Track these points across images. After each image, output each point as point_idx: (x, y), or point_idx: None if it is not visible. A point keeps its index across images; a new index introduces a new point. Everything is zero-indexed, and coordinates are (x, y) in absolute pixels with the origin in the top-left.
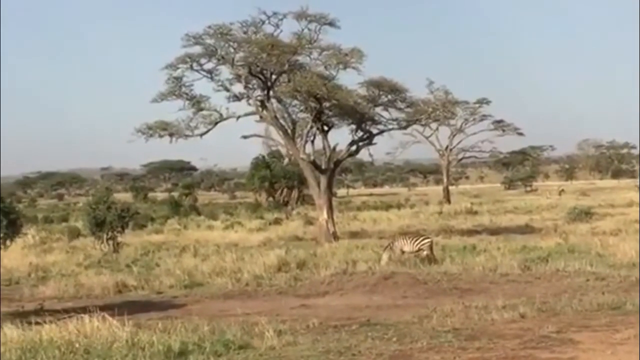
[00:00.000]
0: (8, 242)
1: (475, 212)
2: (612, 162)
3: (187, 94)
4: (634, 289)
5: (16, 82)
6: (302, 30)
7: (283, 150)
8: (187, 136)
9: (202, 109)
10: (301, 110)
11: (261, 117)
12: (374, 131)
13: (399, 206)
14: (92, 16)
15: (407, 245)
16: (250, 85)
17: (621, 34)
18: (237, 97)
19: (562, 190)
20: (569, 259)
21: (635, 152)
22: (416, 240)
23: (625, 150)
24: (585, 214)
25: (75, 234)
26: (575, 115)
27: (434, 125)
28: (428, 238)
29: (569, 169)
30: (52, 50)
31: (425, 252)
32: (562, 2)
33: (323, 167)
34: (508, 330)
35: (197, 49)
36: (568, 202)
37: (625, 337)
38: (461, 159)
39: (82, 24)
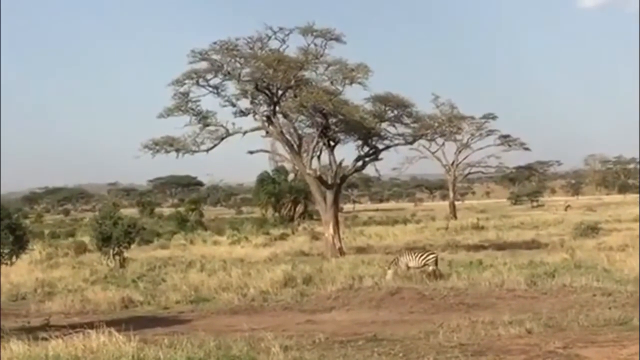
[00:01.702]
0: (14, 258)
1: (482, 228)
2: (618, 177)
3: (193, 109)
4: None
5: (22, 97)
6: (308, 45)
7: (289, 166)
8: (193, 151)
9: (208, 125)
10: (307, 126)
11: (267, 132)
12: (380, 146)
13: (405, 221)
14: (98, 33)
15: (413, 261)
16: (256, 101)
17: (628, 49)
18: (243, 113)
19: (569, 205)
20: (576, 275)
21: None
22: (421, 256)
23: (632, 166)
24: (591, 230)
25: (81, 249)
26: (582, 130)
27: (440, 140)
28: (433, 253)
29: (575, 184)
30: (59, 66)
31: (430, 268)
32: (569, 18)
33: (329, 182)
34: (514, 346)
35: (204, 65)
36: (574, 217)
37: (632, 353)
38: (467, 174)
39: (88, 40)
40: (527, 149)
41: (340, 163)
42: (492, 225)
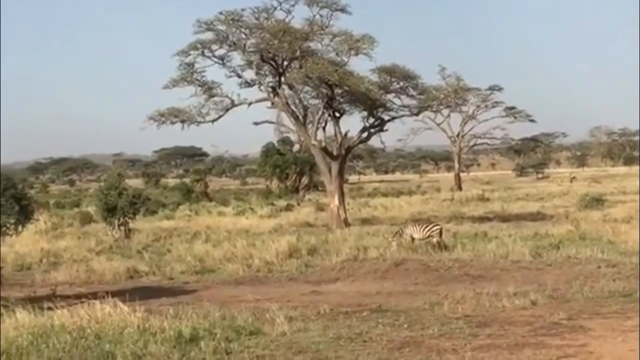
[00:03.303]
0: (20, 228)
1: (487, 199)
2: (624, 149)
3: (198, 80)
4: None
5: (30, 71)
6: (314, 16)
7: (294, 137)
8: (198, 122)
9: (213, 96)
10: (312, 97)
11: (273, 103)
12: (386, 118)
13: (410, 193)
14: (103, 5)
15: (417, 232)
16: (261, 72)
17: (634, 19)
18: (248, 84)
19: (574, 177)
20: (580, 246)
21: None
22: (426, 227)
23: (637, 137)
24: (596, 201)
25: (87, 219)
26: (588, 102)
27: (445, 112)
28: (438, 225)
29: (580, 156)
30: (64, 39)
31: (435, 239)
32: None
33: (334, 153)
34: (519, 317)
35: (209, 36)
36: (580, 189)
37: (635, 324)
38: (473, 146)
39: (93, 13)
40: (532, 120)
41: (346, 134)
42: (497, 197)
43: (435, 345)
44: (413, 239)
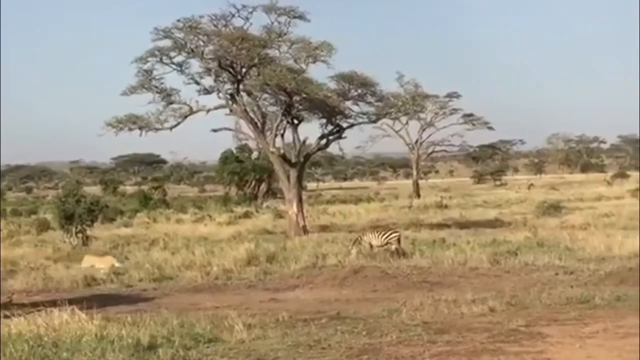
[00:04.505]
0: None
1: (445, 206)
2: (581, 156)
3: (156, 87)
4: (603, 283)
5: None
6: (272, 23)
7: (253, 144)
8: (156, 129)
9: (172, 102)
10: (271, 104)
11: (231, 110)
12: (344, 125)
13: (368, 200)
14: (61, 8)
15: (376, 240)
16: (220, 79)
17: (592, 27)
18: (207, 91)
19: (532, 184)
20: (538, 253)
21: (604, 146)
22: (384, 235)
23: (594, 145)
24: (554, 208)
25: (44, 227)
26: (545, 109)
27: (403, 119)
28: (396, 232)
29: (538, 163)
30: (19, 44)
31: (393, 246)
32: None
33: (293, 160)
34: (477, 324)
35: (167, 43)
36: (537, 196)
37: (594, 331)
38: (431, 153)
39: (49, 16)
40: (490, 127)
41: (304, 141)
42: (456, 204)
43: (394, 352)
44: (372, 246)
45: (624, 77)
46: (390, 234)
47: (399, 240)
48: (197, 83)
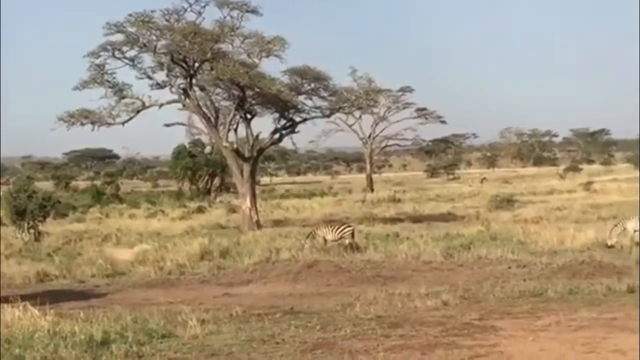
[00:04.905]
0: None
1: (398, 200)
2: (533, 150)
3: (109, 81)
4: (556, 276)
5: None
6: (224, 18)
7: (206, 139)
8: (109, 124)
9: (124, 97)
10: (224, 99)
11: (184, 105)
12: (297, 119)
13: (322, 194)
14: (12, 2)
15: (330, 234)
16: (172, 73)
17: (544, 21)
18: (159, 85)
19: (485, 178)
20: (491, 247)
21: (556, 140)
22: (338, 229)
23: (547, 138)
24: (507, 202)
25: None
26: (498, 103)
27: (357, 113)
28: (350, 226)
29: (491, 157)
30: None
31: (347, 241)
32: None
33: (246, 155)
34: (431, 318)
35: (119, 37)
36: (490, 189)
37: (546, 324)
38: (384, 147)
39: (1, 10)
40: (443, 121)
41: (257, 136)
42: (409, 198)
43: (348, 347)
44: (325, 241)
45: (575, 71)
46: (344, 228)
47: (352, 235)
48: (150, 78)
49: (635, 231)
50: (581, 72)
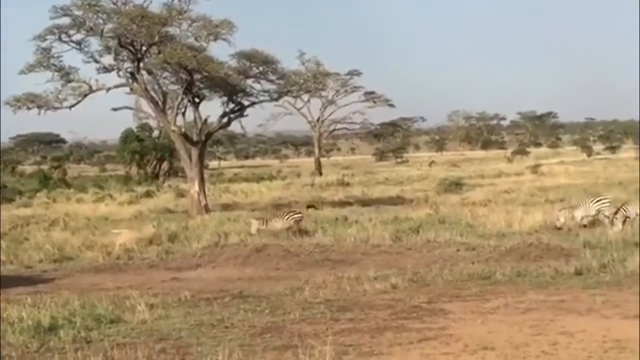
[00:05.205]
0: None
1: (347, 184)
2: (481, 133)
3: (55, 65)
4: (504, 259)
5: None
6: (172, 1)
7: (154, 123)
8: (56, 108)
9: (71, 81)
10: (172, 82)
11: (131, 89)
12: (246, 103)
13: (270, 178)
14: None
15: (279, 221)
16: (120, 57)
17: (491, 4)
18: (106, 69)
19: (433, 161)
20: (440, 230)
21: (504, 123)
22: (287, 215)
23: (494, 122)
24: (455, 185)
25: None
26: (446, 86)
27: (305, 96)
28: (298, 212)
29: (439, 140)
30: None
31: (295, 227)
32: None
33: (194, 139)
34: (380, 301)
35: (66, 20)
36: (438, 173)
37: (495, 307)
38: (332, 131)
39: None
40: (391, 105)
41: (206, 120)
42: (357, 182)
43: (297, 330)
44: (275, 228)
45: (523, 55)
46: (292, 214)
47: (300, 221)
48: (97, 61)
49: (581, 218)
50: (528, 56)
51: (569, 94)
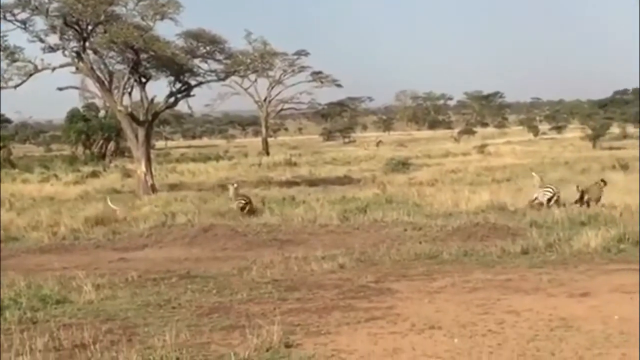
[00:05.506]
0: None
1: (294, 164)
2: (428, 113)
3: (0, 45)
4: (451, 238)
5: None
6: None
7: (100, 103)
8: (1, 88)
9: (16, 60)
10: (118, 62)
11: (77, 68)
12: (193, 83)
13: (217, 158)
14: None
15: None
16: (65, 36)
17: None
18: (52, 49)
19: (380, 141)
20: (387, 210)
21: (451, 103)
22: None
23: (441, 102)
24: (402, 165)
25: None
26: (394, 66)
27: (252, 76)
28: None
29: (386, 120)
30: None
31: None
32: None
33: (141, 119)
34: (327, 281)
35: None
36: (386, 153)
37: (441, 286)
38: (280, 111)
39: None
40: (339, 85)
41: (152, 100)
42: (305, 162)
43: (245, 310)
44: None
45: (467, 36)
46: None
47: (247, 204)
48: (42, 41)
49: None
50: (473, 37)
51: (515, 74)
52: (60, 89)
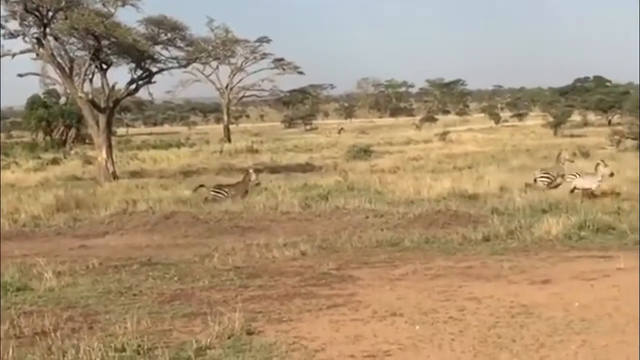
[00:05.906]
0: None
1: (256, 151)
2: (390, 100)
3: None
4: (412, 226)
5: None
6: None
7: (60, 89)
8: None
9: None
10: (79, 48)
11: (38, 55)
12: (154, 69)
13: (179, 145)
14: None
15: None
16: (26, 22)
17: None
18: (12, 35)
19: (342, 128)
20: (349, 197)
21: (413, 90)
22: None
23: (403, 89)
24: (364, 152)
25: None
26: (355, 53)
27: (214, 63)
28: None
29: (348, 108)
30: None
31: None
32: None
33: (102, 105)
34: (289, 268)
35: None
36: (347, 140)
37: (403, 273)
38: (241, 98)
39: None
40: (300, 72)
41: (113, 86)
42: (267, 149)
43: (206, 297)
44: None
45: (430, 23)
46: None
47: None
48: (2, 27)
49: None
50: (436, 24)
51: (477, 61)
52: (20, 75)
